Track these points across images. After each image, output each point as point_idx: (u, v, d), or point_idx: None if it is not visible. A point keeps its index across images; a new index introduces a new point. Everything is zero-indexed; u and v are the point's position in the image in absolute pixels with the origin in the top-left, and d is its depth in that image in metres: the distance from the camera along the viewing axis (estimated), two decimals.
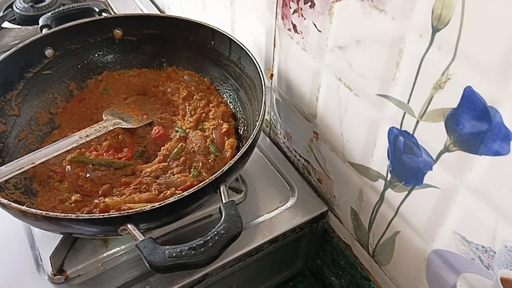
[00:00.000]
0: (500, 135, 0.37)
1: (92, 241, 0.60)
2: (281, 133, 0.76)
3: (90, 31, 0.74)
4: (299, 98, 0.66)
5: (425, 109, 0.43)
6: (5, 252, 0.60)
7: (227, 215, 0.49)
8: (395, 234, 0.55)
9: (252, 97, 0.68)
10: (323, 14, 0.52)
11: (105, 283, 0.58)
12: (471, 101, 0.38)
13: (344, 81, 0.54)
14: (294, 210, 0.67)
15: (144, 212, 0.47)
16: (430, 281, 0.52)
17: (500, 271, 0.42)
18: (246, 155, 0.55)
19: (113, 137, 0.66)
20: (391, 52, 0.44)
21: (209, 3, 0.83)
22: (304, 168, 0.72)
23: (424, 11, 0.39)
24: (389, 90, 0.47)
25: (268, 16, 0.64)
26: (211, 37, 0.72)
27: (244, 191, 0.68)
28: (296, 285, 0.81)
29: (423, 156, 0.46)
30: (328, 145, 0.63)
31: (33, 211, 0.47)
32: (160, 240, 0.61)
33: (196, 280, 0.59)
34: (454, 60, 0.38)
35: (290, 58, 0.63)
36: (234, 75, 0.72)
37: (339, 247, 0.70)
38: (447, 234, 0.47)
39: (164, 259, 0.45)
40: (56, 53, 0.72)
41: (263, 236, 0.63)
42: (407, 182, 0.50)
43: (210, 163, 0.63)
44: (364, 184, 0.58)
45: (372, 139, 0.53)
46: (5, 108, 0.66)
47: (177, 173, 0.61)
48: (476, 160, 0.40)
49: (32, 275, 0.58)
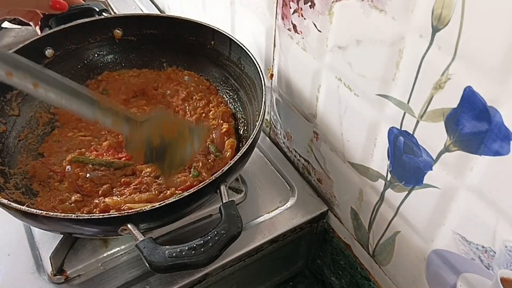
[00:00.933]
0: (500, 135, 0.37)
1: (92, 241, 0.60)
2: (281, 133, 0.76)
3: (90, 31, 0.74)
4: (299, 98, 0.66)
5: (425, 109, 0.43)
6: (5, 252, 0.60)
7: (227, 215, 0.49)
8: (395, 234, 0.55)
9: (252, 97, 0.68)
10: (323, 14, 0.52)
11: (105, 283, 0.58)
12: (471, 101, 0.38)
13: (344, 81, 0.54)
14: (294, 210, 0.67)
15: (144, 212, 0.47)
16: (430, 281, 0.52)
17: (500, 271, 0.42)
18: (246, 155, 0.55)
19: (113, 137, 0.66)
20: (391, 52, 0.44)
21: (209, 3, 0.83)
22: (304, 168, 0.72)
23: (424, 11, 0.39)
24: (389, 90, 0.47)
25: (268, 16, 0.64)
26: (211, 37, 0.72)
27: (244, 191, 0.68)
28: (296, 285, 0.81)
29: (423, 156, 0.46)
30: (328, 145, 0.63)
31: (33, 211, 0.47)
32: (160, 240, 0.61)
33: (196, 280, 0.59)
34: (454, 60, 0.38)
35: (290, 58, 0.63)
36: (234, 75, 0.72)
37: (339, 247, 0.70)
38: (447, 234, 0.47)
39: (164, 259, 0.45)
40: (56, 53, 0.71)
41: (263, 236, 0.63)
42: (407, 182, 0.50)
43: (210, 163, 0.63)
44: (364, 184, 0.58)
45: (372, 139, 0.53)
46: (5, 108, 0.66)
47: (177, 173, 0.61)
48: (476, 160, 0.40)
49: (32, 275, 0.58)
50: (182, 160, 0.59)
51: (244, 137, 0.69)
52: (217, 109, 0.71)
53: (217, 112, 0.70)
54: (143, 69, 0.78)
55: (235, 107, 0.73)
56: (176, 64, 0.78)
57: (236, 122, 0.71)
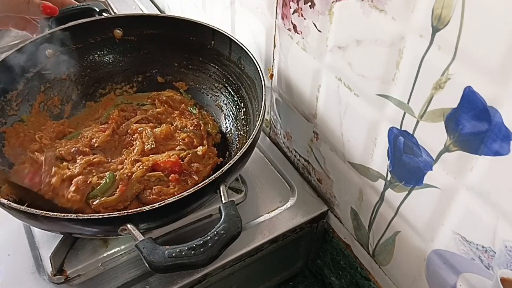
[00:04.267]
0: (500, 135, 0.37)
1: (92, 241, 0.60)
2: (281, 133, 0.76)
3: (90, 31, 0.74)
4: (299, 98, 0.66)
5: (425, 109, 0.43)
6: (5, 252, 0.60)
7: (227, 215, 0.49)
8: (395, 234, 0.55)
9: (252, 97, 0.68)
10: (323, 14, 0.52)
11: (105, 283, 0.58)
12: (471, 101, 0.38)
13: (344, 81, 0.54)
14: (294, 210, 0.67)
15: (144, 212, 0.47)
16: (430, 281, 0.52)
17: (500, 271, 0.42)
18: (246, 155, 0.55)
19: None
20: (391, 52, 0.44)
21: (209, 3, 0.83)
22: (304, 168, 0.72)
23: (424, 11, 0.39)
24: (389, 90, 0.47)
25: (268, 16, 0.64)
26: (211, 37, 0.72)
27: (244, 191, 0.68)
28: (296, 285, 0.81)
29: (423, 156, 0.46)
30: (328, 145, 0.63)
31: (33, 211, 0.47)
32: (160, 240, 0.61)
33: (196, 280, 0.59)
34: (454, 60, 0.38)
35: (290, 58, 0.63)
36: (234, 75, 0.72)
37: (339, 247, 0.70)
38: (447, 234, 0.47)
39: (164, 259, 0.45)
40: (56, 53, 0.72)
41: (263, 236, 0.63)
42: (407, 182, 0.50)
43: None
44: (364, 184, 0.58)
45: (372, 139, 0.53)
46: (5, 108, 0.66)
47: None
48: (476, 160, 0.40)
49: (32, 275, 0.58)
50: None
51: (244, 137, 0.69)
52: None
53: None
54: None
55: (235, 107, 0.73)
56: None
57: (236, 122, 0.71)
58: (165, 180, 0.60)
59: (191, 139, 0.67)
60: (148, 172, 0.60)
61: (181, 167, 0.61)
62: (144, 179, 0.60)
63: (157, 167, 0.61)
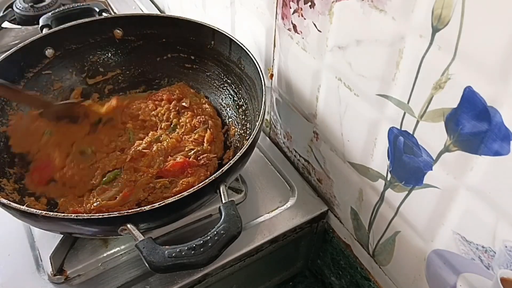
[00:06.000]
0: (500, 135, 0.37)
1: (92, 241, 0.60)
2: (281, 133, 0.76)
3: (90, 31, 0.74)
4: (299, 98, 0.66)
5: (425, 109, 0.43)
6: (5, 252, 0.60)
7: (226, 215, 0.49)
8: (395, 234, 0.55)
9: (252, 97, 0.68)
10: (323, 14, 0.52)
11: (105, 283, 0.58)
12: (471, 101, 0.38)
13: (344, 81, 0.54)
14: (294, 210, 0.67)
15: (144, 212, 0.47)
16: (430, 281, 0.52)
17: (500, 271, 0.42)
18: (246, 155, 0.55)
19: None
20: (391, 52, 0.44)
21: (209, 3, 0.83)
22: (304, 168, 0.72)
23: (424, 11, 0.39)
24: (389, 90, 0.47)
25: (268, 16, 0.64)
26: (211, 37, 0.72)
27: (244, 191, 0.68)
28: (296, 285, 0.81)
29: (423, 156, 0.46)
30: (328, 145, 0.63)
31: (33, 211, 0.47)
32: (160, 240, 0.61)
33: (196, 280, 0.59)
34: (454, 60, 0.38)
35: (290, 58, 0.63)
36: (234, 75, 0.72)
37: (339, 247, 0.70)
38: (447, 234, 0.47)
39: (164, 259, 0.45)
40: (56, 53, 0.71)
41: (263, 236, 0.63)
42: (407, 182, 0.50)
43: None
44: (364, 184, 0.58)
45: (372, 139, 0.53)
46: (5, 108, 0.66)
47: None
48: (476, 160, 0.40)
49: (32, 275, 0.58)
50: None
51: (244, 137, 0.69)
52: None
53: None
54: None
55: (234, 107, 0.73)
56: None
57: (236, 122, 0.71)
58: (169, 187, 0.61)
59: (202, 138, 0.68)
60: (154, 179, 0.61)
61: (189, 164, 0.63)
62: (149, 187, 0.61)
63: (166, 172, 0.62)
